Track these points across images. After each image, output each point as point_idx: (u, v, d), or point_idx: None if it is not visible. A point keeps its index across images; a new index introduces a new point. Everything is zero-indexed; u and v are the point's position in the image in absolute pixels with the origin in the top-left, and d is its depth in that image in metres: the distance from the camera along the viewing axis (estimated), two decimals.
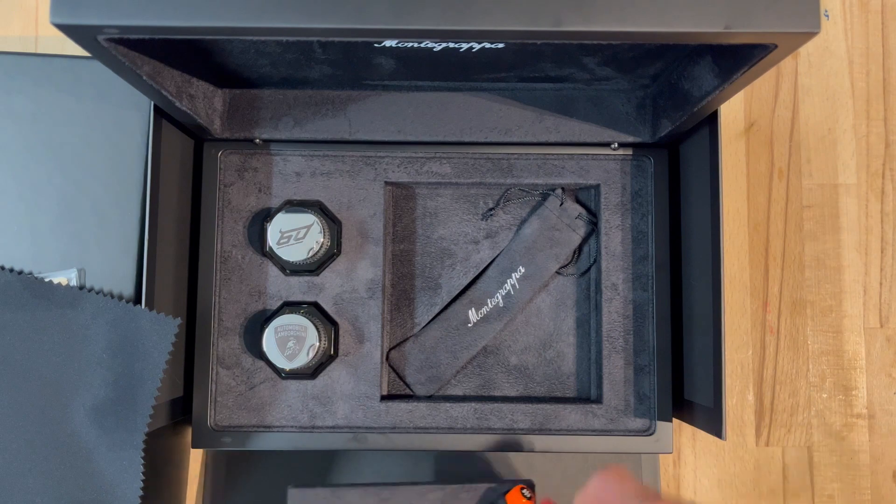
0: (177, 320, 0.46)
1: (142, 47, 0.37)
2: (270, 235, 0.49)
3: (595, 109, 0.51)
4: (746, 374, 0.57)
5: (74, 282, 0.48)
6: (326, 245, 0.50)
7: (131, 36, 0.33)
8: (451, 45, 0.42)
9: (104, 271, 0.49)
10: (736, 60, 0.38)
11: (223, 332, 0.51)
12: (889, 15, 0.59)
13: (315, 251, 0.49)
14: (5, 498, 0.45)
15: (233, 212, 0.52)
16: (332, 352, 0.50)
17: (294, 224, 0.49)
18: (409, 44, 0.41)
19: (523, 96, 0.51)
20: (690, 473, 0.56)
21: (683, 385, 0.51)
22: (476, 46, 0.42)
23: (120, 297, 0.48)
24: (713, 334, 0.46)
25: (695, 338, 0.49)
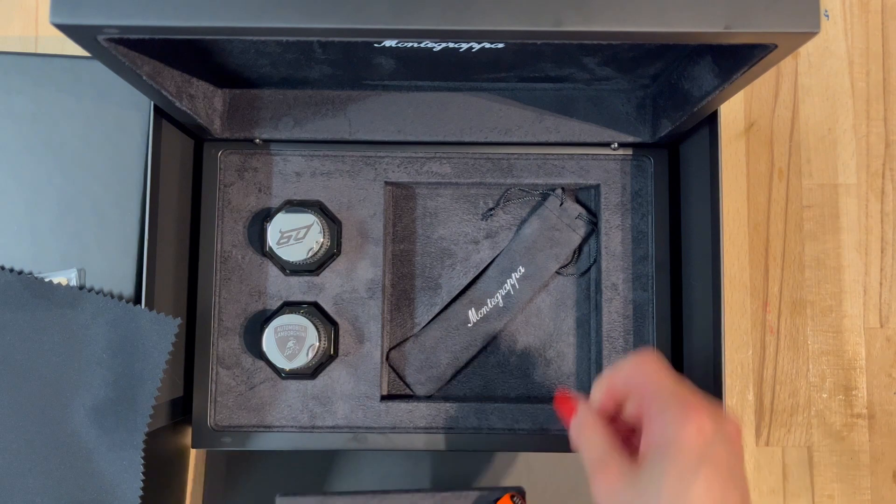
0: (177, 320, 0.46)
1: (142, 47, 0.37)
2: (270, 235, 0.49)
3: (595, 109, 0.51)
4: (746, 374, 0.57)
5: (74, 282, 0.48)
6: (326, 245, 0.50)
7: (131, 36, 0.33)
8: (451, 45, 0.42)
9: (104, 271, 0.49)
10: (736, 60, 0.38)
11: (223, 332, 0.51)
12: (889, 15, 0.59)
13: (315, 251, 0.49)
14: (5, 498, 0.45)
15: (233, 212, 0.52)
16: (332, 352, 0.50)
17: (294, 224, 0.49)
18: (409, 44, 0.41)
19: (523, 96, 0.51)
20: None
21: None
22: (476, 46, 0.42)
23: (120, 297, 0.48)
24: (713, 334, 0.46)
25: (695, 338, 0.49)
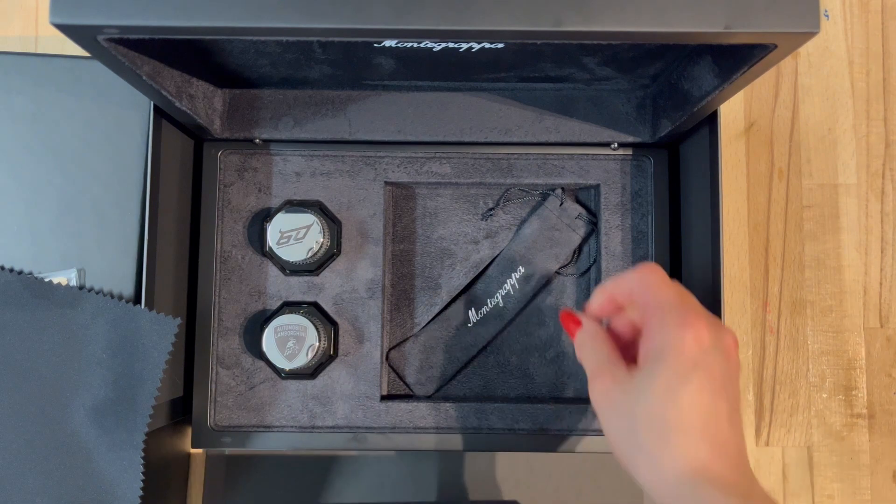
0: (177, 320, 0.46)
1: (142, 47, 0.37)
2: (270, 235, 0.49)
3: (595, 109, 0.51)
4: (746, 374, 0.57)
5: (74, 282, 0.48)
6: (326, 245, 0.50)
7: (131, 36, 0.33)
8: (451, 45, 0.42)
9: (104, 271, 0.49)
10: (736, 60, 0.38)
11: (223, 332, 0.51)
12: (889, 15, 0.59)
13: (315, 251, 0.49)
14: (5, 498, 0.45)
15: (233, 212, 0.52)
16: (332, 352, 0.50)
17: (294, 224, 0.49)
18: (409, 44, 0.41)
19: (523, 96, 0.51)
20: None
21: None
22: (476, 46, 0.42)
23: (120, 297, 0.48)
24: None
25: None
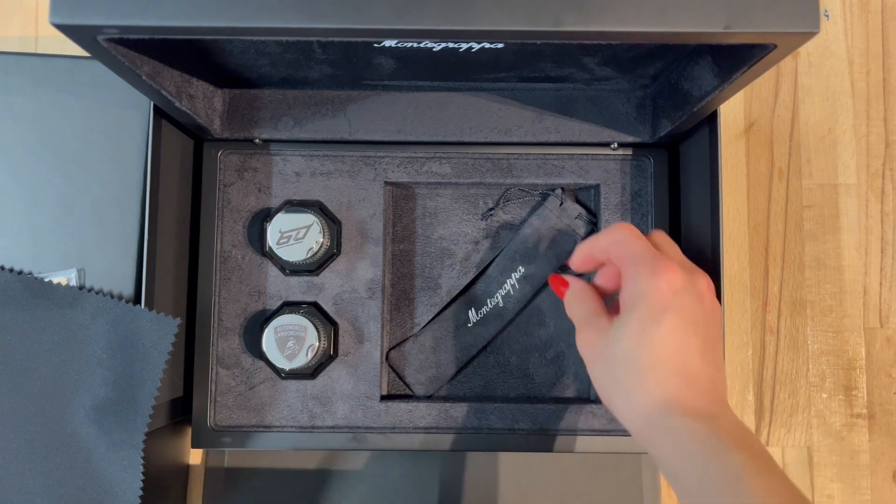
0: (177, 320, 0.46)
1: (142, 47, 0.37)
2: (270, 235, 0.49)
3: (595, 109, 0.51)
4: (746, 374, 0.57)
5: (74, 282, 0.48)
6: (326, 245, 0.50)
7: (131, 36, 0.33)
8: (451, 45, 0.42)
9: (104, 271, 0.49)
10: (736, 60, 0.38)
11: (223, 332, 0.51)
12: (889, 15, 0.59)
13: (315, 251, 0.49)
14: (5, 498, 0.45)
15: (233, 212, 0.52)
16: (332, 352, 0.50)
17: (294, 224, 0.49)
18: (409, 44, 0.41)
19: (523, 96, 0.51)
20: None
21: None
22: (476, 46, 0.42)
23: (120, 297, 0.48)
24: None
25: None
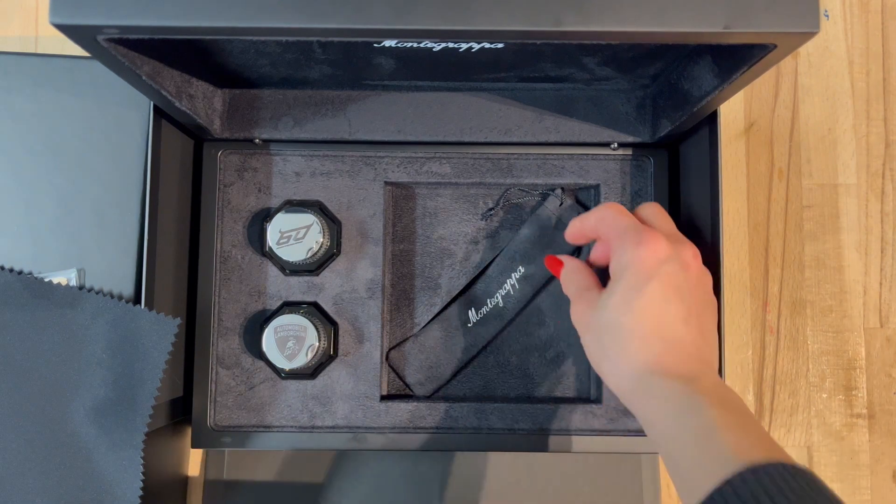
0: (177, 320, 0.46)
1: (142, 47, 0.37)
2: (270, 235, 0.49)
3: (595, 109, 0.51)
4: (746, 374, 0.57)
5: (74, 282, 0.48)
6: (326, 245, 0.50)
7: (131, 36, 0.33)
8: (451, 45, 0.42)
9: (104, 271, 0.49)
10: (735, 60, 0.38)
11: (223, 332, 0.51)
12: (889, 15, 0.59)
13: (315, 251, 0.49)
14: (5, 498, 0.45)
15: (232, 212, 0.52)
16: (332, 352, 0.50)
17: (294, 224, 0.49)
18: (409, 44, 0.41)
19: (523, 96, 0.51)
20: None
21: None
22: (476, 46, 0.42)
23: (120, 297, 0.48)
24: None
25: None
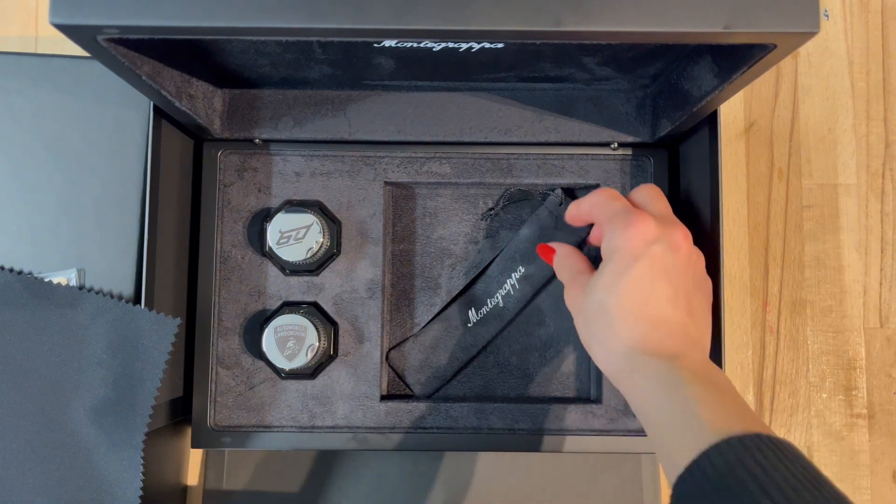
0: (177, 320, 0.46)
1: (141, 47, 0.37)
2: (270, 235, 0.49)
3: (595, 109, 0.51)
4: (746, 374, 0.57)
5: (74, 282, 0.48)
6: (326, 245, 0.50)
7: (131, 36, 0.33)
8: (451, 45, 0.42)
9: (104, 271, 0.49)
10: (735, 60, 0.38)
11: (223, 332, 0.51)
12: (889, 15, 0.59)
13: (315, 251, 0.49)
14: (5, 498, 0.45)
15: (232, 212, 0.52)
16: (332, 352, 0.50)
17: (294, 224, 0.49)
18: (409, 44, 0.41)
19: (523, 96, 0.51)
20: None
21: None
22: (476, 46, 0.42)
23: (120, 297, 0.48)
24: (713, 334, 0.46)
25: None
